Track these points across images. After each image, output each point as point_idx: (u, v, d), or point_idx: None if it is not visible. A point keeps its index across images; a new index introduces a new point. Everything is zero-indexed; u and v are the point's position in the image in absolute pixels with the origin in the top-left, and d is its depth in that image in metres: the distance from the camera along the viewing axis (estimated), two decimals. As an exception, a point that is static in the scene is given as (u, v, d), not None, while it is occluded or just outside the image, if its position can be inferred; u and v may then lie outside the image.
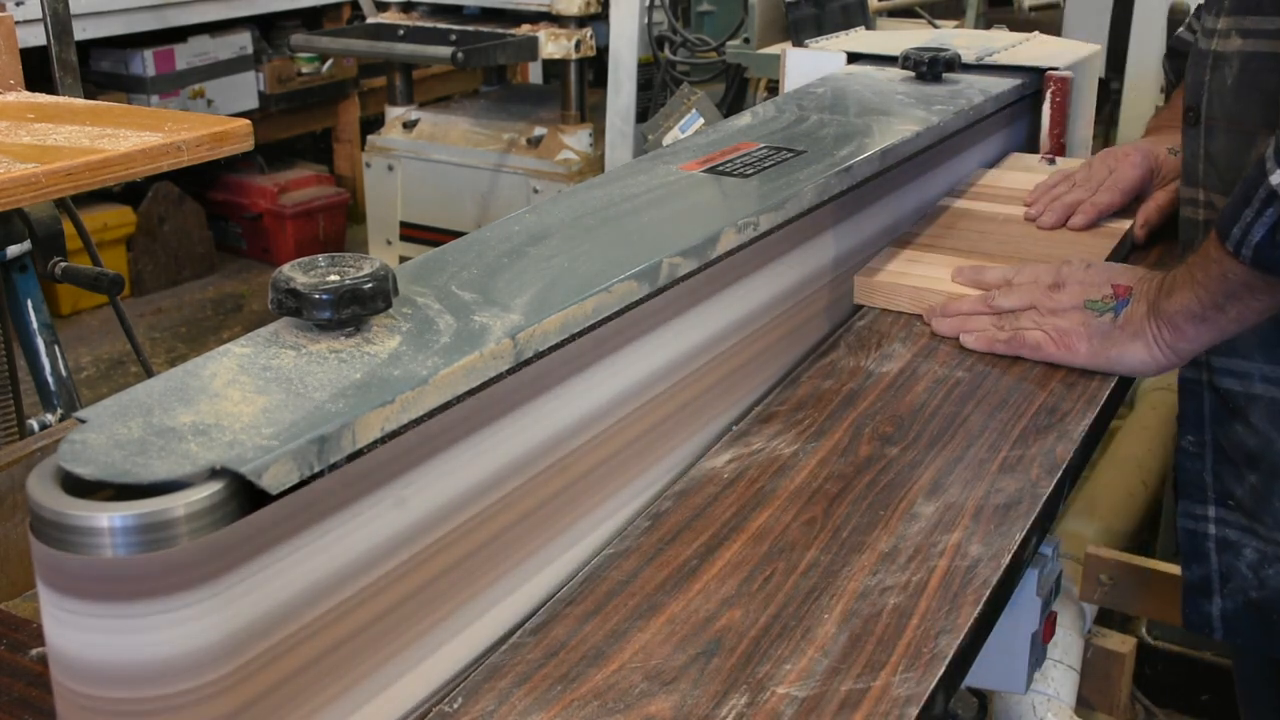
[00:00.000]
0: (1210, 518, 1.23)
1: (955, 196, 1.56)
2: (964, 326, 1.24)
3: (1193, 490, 1.24)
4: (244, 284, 4.70)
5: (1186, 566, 1.25)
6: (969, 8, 3.31)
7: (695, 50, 3.33)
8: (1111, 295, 1.18)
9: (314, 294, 0.75)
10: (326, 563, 0.69)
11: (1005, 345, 1.20)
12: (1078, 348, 1.17)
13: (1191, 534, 1.24)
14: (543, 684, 0.78)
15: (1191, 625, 1.26)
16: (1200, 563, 1.24)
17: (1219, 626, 1.24)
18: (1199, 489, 1.24)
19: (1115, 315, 1.16)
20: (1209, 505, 1.23)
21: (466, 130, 3.73)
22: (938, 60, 1.65)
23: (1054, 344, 1.18)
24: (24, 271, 2.04)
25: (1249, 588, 1.21)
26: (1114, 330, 1.16)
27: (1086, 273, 1.21)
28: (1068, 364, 1.17)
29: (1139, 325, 1.14)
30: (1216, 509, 1.22)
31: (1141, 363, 1.15)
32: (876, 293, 1.33)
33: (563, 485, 0.88)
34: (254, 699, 0.66)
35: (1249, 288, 1.05)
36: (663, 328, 0.98)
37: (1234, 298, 1.07)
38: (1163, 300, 1.13)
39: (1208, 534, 1.23)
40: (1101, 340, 1.16)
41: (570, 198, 1.09)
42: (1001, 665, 1.16)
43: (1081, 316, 1.18)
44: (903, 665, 0.79)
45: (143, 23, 4.28)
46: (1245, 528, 1.21)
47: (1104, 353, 1.16)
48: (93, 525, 0.60)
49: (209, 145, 1.74)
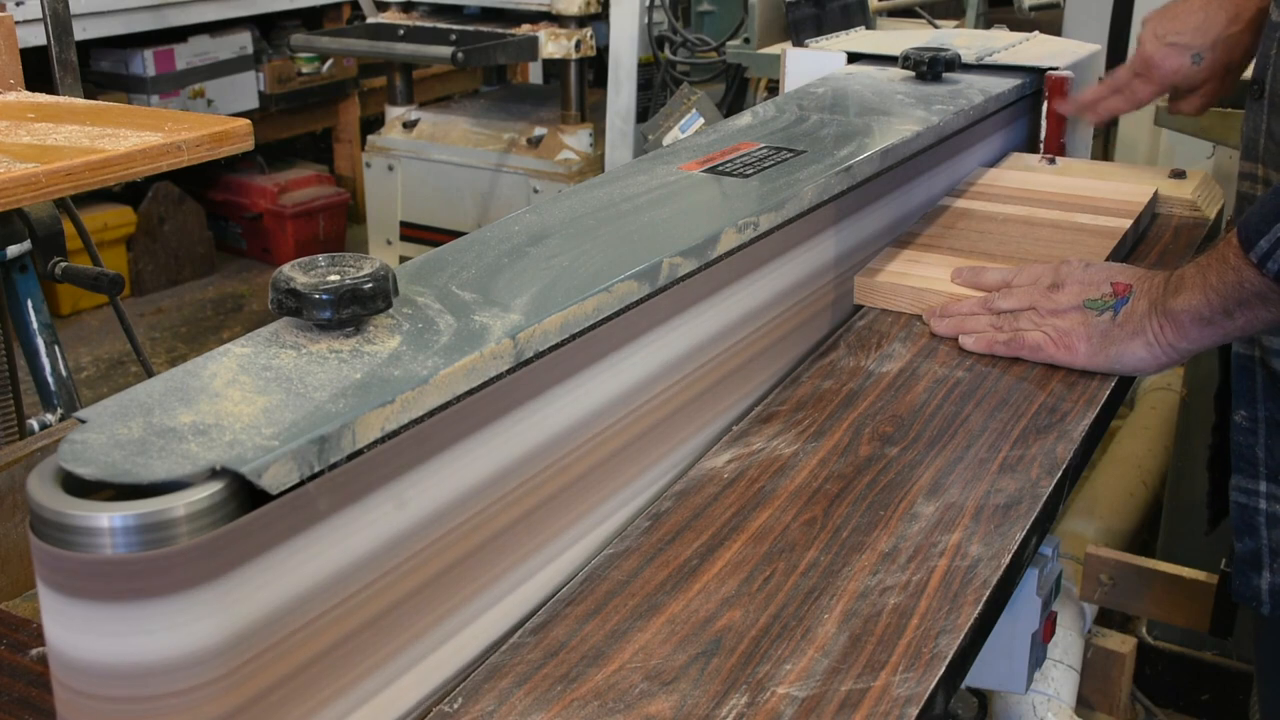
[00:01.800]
0: (1262, 493, 1.23)
1: (955, 196, 1.55)
2: (963, 328, 1.24)
3: (1245, 465, 1.24)
4: (244, 284, 4.70)
5: (1239, 539, 1.25)
6: (969, 8, 3.31)
7: (695, 50, 3.33)
8: (1111, 293, 1.17)
9: (314, 294, 0.75)
10: (326, 562, 0.69)
11: (1005, 346, 1.20)
12: (1077, 347, 1.17)
13: (1243, 508, 1.24)
14: (543, 684, 0.78)
15: (1240, 597, 1.26)
16: (1252, 536, 1.24)
17: (1267, 600, 1.24)
18: (1251, 464, 1.24)
19: (1115, 313, 1.16)
20: (1260, 480, 1.23)
21: (466, 130, 3.73)
22: (938, 60, 1.65)
23: (1054, 344, 1.17)
24: (24, 271, 2.04)
25: None
26: (1113, 328, 1.16)
27: (1085, 272, 1.21)
28: (1068, 364, 1.17)
29: (1139, 323, 1.14)
30: (1269, 484, 1.22)
31: (1141, 360, 1.14)
32: (877, 293, 1.33)
33: (563, 485, 0.88)
34: (254, 698, 0.66)
35: (1263, 299, 1.05)
36: (662, 327, 0.98)
37: (1246, 306, 1.06)
38: (1169, 298, 1.12)
39: (1259, 508, 1.23)
40: (1101, 339, 1.16)
41: (570, 198, 1.09)
42: (1001, 665, 1.17)
43: (1081, 316, 1.17)
44: (903, 665, 0.79)
45: (143, 23, 4.28)
46: None
47: (1104, 351, 1.16)
48: (93, 525, 0.60)
49: (209, 145, 1.74)
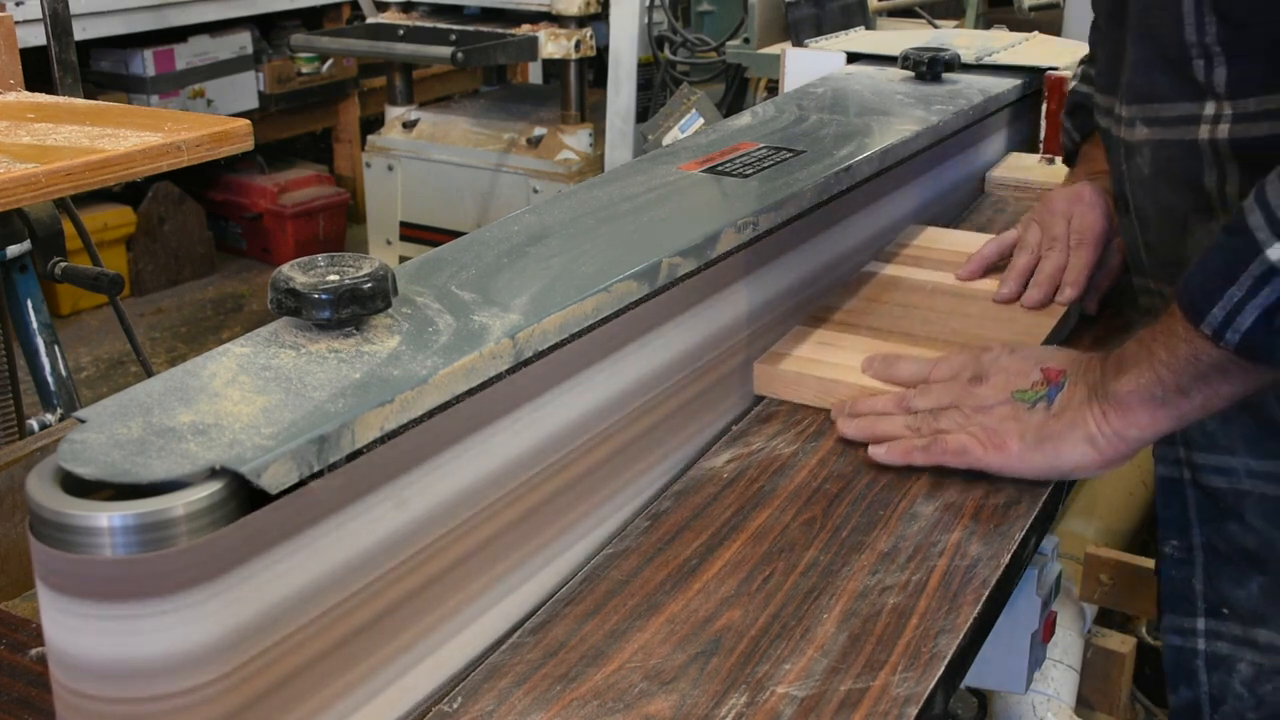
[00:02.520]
0: (1200, 631, 1.08)
1: (884, 260, 1.38)
2: (875, 431, 1.05)
3: (1179, 602, 1.09)
4: (244, 284, 4.70)
5: (1173, 690, 1.10)
6: (969, 8, 3.31)
7: (695, 50, 3.33)
8: (1042, 381, 1.01)
9: (314, 294, 0.75)
10: (326, 562, 0.69)
11: (924, 453, 1.01)
12: (1009, 446, 0.99)
13: (1178, 652, 1.09)
14: (542, 684, 0.78)
15: None
16: (1189, 684, 1.09)
17: None
18: (1187, 600, 1.08)
19: (1048, 403, 1.00)
20: (1198, 618, 1.08)
21: (466, 130, 3.73)
22: (937, 60, 1.65)
23: (981, 446, 1.00)
24: (24, 271, 2.04)
25: (1245, 709, 1.07)
26: (1048, 421, 0.99)
27: (1011, 359, 1.04)
28: (1000, 468, 1.00)
29: (1077, 412, 0.98)
30: (1207, 620, 1.08)
31: (1083, 456, 0.97)
32: (779, 383, 1.14)
33: (562, 485, 0.88)
34: (254, 699, 0.66)
35: (1223, 372, 0.90)
36: (662, 327, 0.98)
37: (1203, 381, 0.91)
38: (1110, 380, 0.96)
39: (1196, 650, 1.08)
40: (1035, 435, 0.99)
41: (570, 198, 1.10)
42: (1001, 665, 1.16)
43: (1010, 410, 1.01)
44: (902, 665, 0.79)
45: (143, 23, 4.28)
46: (1240, 639, 1.07)
47: (1039, 449, 0.98)
48: (92, 525, 0.60)
49: (209, 145, 1.74)
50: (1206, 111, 0.97)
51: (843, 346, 1.18)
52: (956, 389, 1.04)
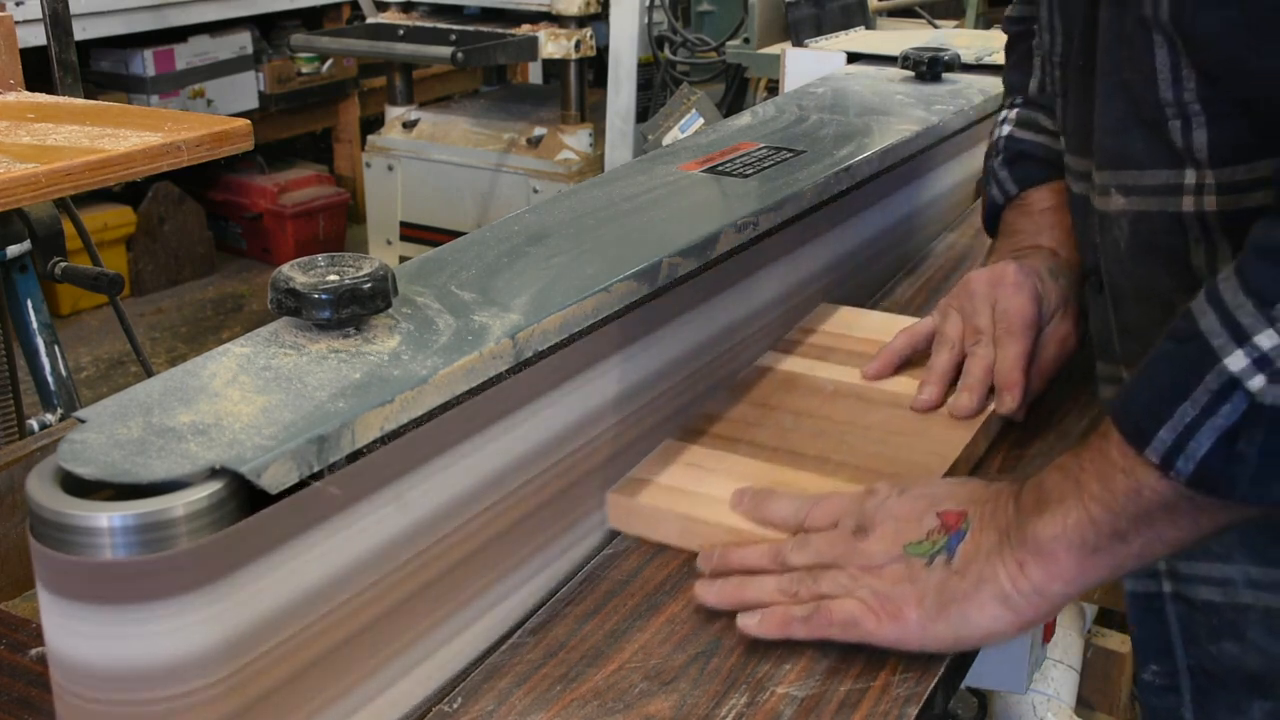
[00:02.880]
0: None
1: (785, 351, 1.17)
2: (742, 596, 0.85)
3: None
4: (244, 284, 4.70)
5: None
6: (969, 8, 3.31)
7: (695, 50, 3.33)
8: (939, 528, 0.82)
9: (313, 294, 0.75)
10: (327, 563, 0.69)
11: (806, 625, 0.81)
12: (907, 615, 0.80)
13: None
14: (542, 684, 0.78)
15: None
16: None
17: None
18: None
19: (949, 556, 0.81)
20: None
21: (466, 130, 3.73)
22: (938, 60, 1.65)
23: (874, 615, 0.80)
24: (24, 271, 2.04)
25: None
26: (949, 580, 0.79)
27: (900, 503, 0.85)
28: (897, 643, 0.80)
29: (985, 565, 0.79)
30: None
31: (995, 620, 0.78)
32: (636, 518, 0.94)
33: (563, 485, 0.88)
34: (254, 700, 0.66)
35: (1170, 511, 0.73)
36: (663, 327, 0.98)
37: (1145, 523, 0.73)
38: (1028, 522, 0.78)
39: None
40: (935, 599, 0.79)
41: (570, 198, 1.10)
42: (1001, 665, 1.16)
43: (904, 569, 0.81)
44: (902, 665, 0.79)
45: (143, 23, 4.28)
46: None
47: (941, 616, 0.79)
48: (92, 525, 0.60)
49: (209, 145, 1.74)
50: (1187, 180, 0.82)
51: (716, 470, 0.97)
52: (839, 543, 0.84)
